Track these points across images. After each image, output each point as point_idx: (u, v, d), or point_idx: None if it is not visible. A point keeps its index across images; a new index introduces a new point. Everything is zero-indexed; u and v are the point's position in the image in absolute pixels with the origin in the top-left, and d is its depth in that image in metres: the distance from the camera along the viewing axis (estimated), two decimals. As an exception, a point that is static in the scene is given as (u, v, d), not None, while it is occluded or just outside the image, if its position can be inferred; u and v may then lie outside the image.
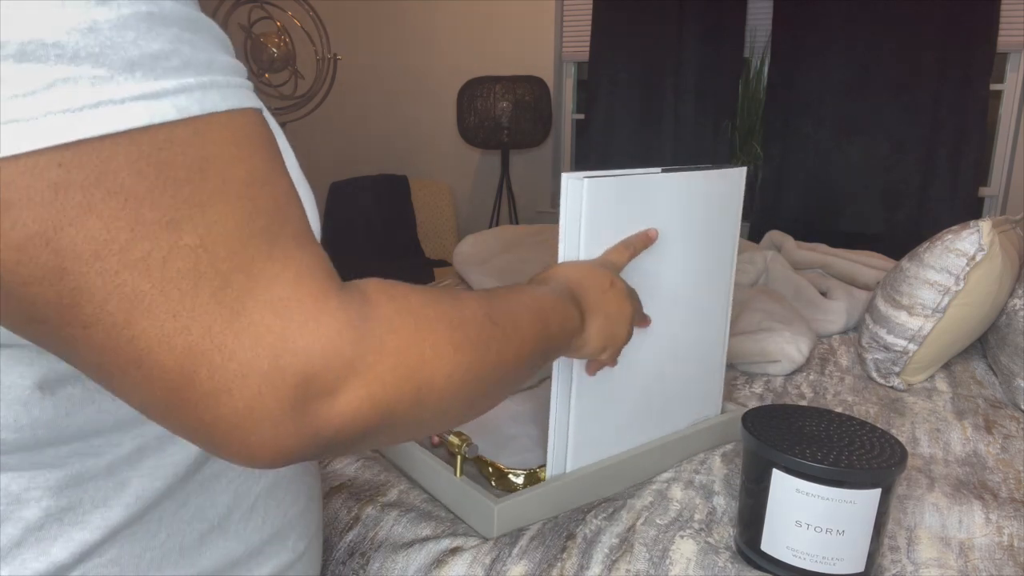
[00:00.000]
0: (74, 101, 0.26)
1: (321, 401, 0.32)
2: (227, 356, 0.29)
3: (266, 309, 0.30)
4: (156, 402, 0.30)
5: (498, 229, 2.05)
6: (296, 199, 0.34)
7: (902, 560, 0.66)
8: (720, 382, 0.88)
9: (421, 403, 0.36)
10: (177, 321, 0.28)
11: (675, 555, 0.66)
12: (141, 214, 0.27)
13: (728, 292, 0.85)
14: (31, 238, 0.26)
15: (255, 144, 0.32)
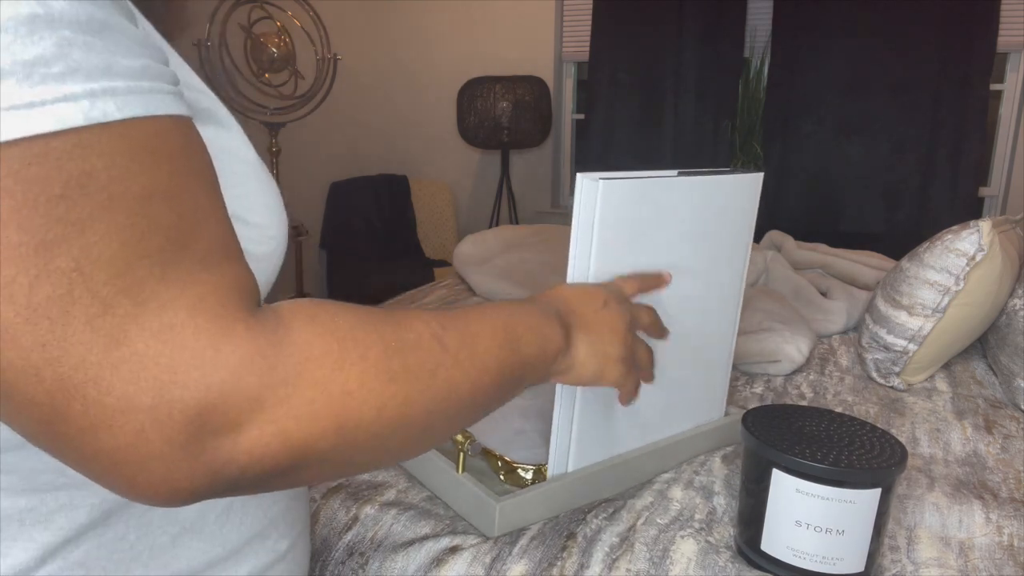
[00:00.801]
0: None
1: (221, 438, 0.29)
2: (103, 390, 0.26)
3: (153, 337, 0.27)
4: (35, 435, 0.28)
5: (498, 229, 2.05)
6: (215, 214, 0.31)
7: (902, 560, 0.66)
8: (725, 386, 0.88)
9: (346, 441, 0.32)
10: (46, 352, 0.26)
11: (675, 555, 0.66)
12: (6, 237, 0.25)
13: (738, 298, 0.84)
14: None
15: (159, 155, 0.29)
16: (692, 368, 0.82)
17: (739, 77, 3.04)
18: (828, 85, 2.84)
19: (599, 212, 0.65)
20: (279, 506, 0.48)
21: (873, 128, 2.81)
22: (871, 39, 2.75)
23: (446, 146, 3.61)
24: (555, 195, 3.53)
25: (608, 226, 0.67)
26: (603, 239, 0.67)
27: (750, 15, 2.98)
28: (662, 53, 3.06)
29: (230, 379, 0.28)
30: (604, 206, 0.66)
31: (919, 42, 2.69)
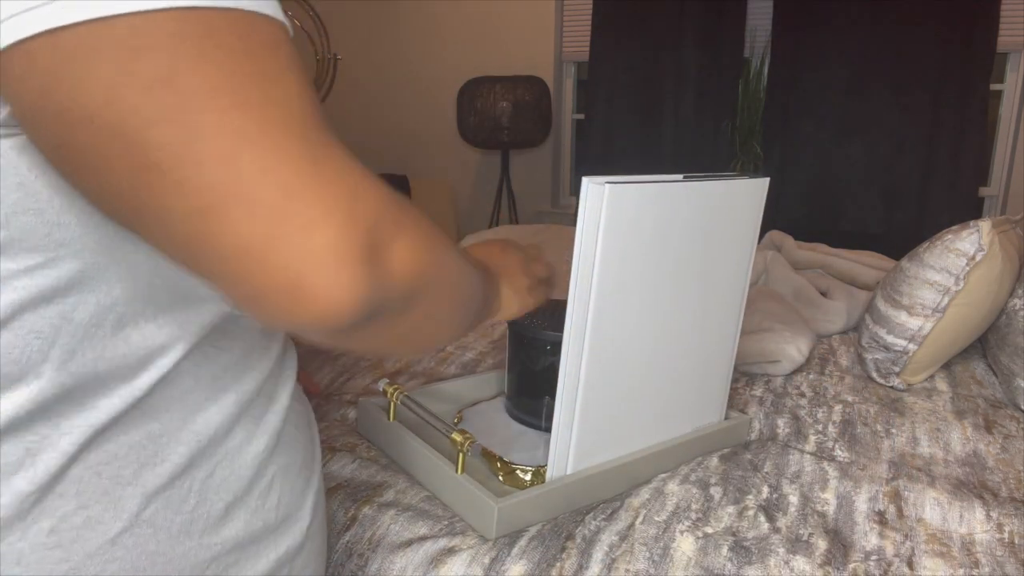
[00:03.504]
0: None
1: (383, 249, 0.34)
2: (316, 195, 0.32)
3: (336, 164, 0.33)
4: (254, 239, 0.31)
5: (498, 229, 2.05)
6: None
7: (905, 544, 0.66)
8: (726, 390, 0.88)
9: (439, 279, 0.40)
10: (276, 155, 0.31)
11: (675, 553, 0.65)
12: (241, 65, 0.31)
13: (740, 302, 0.84)
14: (156, 81, 0.29)
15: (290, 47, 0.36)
16: (693, 371, 0.82)
17: (739, 77, 3.04)
18: (828, 85, 2.84)
19: (604, 216, 0.65)
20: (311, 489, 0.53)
21: (873, 128, 2.81)
22: (871, 39, 2.75)
23: (446, 146, 3.61)
24: (555, 195, 3.53)
25: (613, 230, 0.66)
26: (607, 243, 0.66)
27: (750, 15, 2.98)
28: (662, 53, 3.06)
29: (384, 204, 0.35)
30: (609, 210, 0.65)
31: (919, 42, 2.69)
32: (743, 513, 0.73)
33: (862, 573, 0.64)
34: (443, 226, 3.48)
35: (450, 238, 0.45)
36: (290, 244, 0.32)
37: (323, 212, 0.32)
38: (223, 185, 0.31)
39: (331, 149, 0.34)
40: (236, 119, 0.31)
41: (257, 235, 0.31)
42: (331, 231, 0.32)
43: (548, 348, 0.84)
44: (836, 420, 0.97)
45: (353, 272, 0.33)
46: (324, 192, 0.32)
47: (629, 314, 0.71)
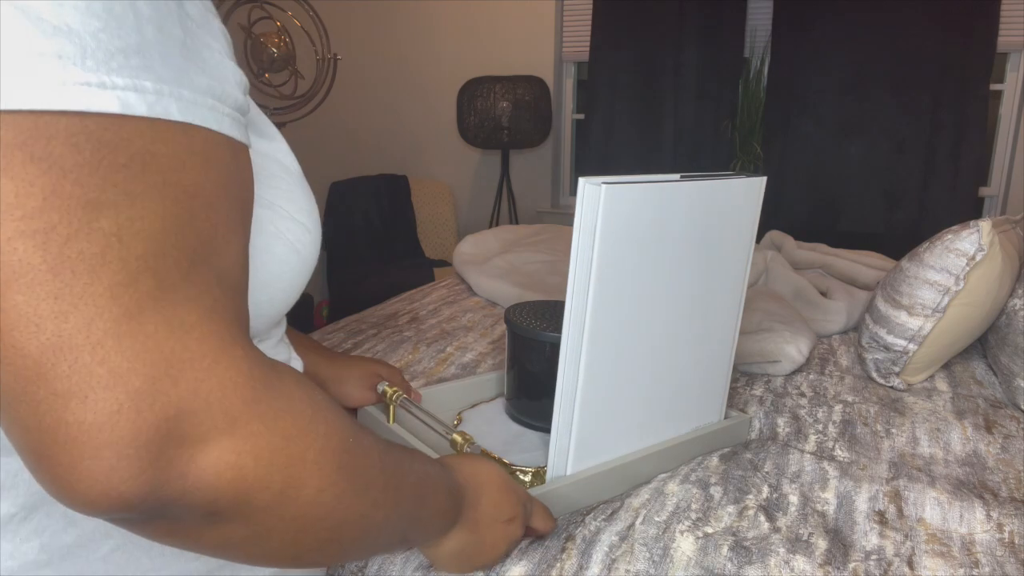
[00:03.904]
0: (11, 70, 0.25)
1: (183, 448, 0.28)
2: (99, 359, 0.26)
3: (164, 325, 0.28)
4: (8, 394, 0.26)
5: (498, 229, 2.05)
6: (240, 242, 0.32)
7: (906, 543, 0.66)
8: (725, 390, 0.88)
9: (281, 505, 0.32)
10: (57, 304, 0.26)
11: (675, 554, 0.66)
12: (61, 186, 0.26)
13: (739, 301, 0.84)
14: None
15: (211, 164, 0.30)
16: (692, 371, 0.82)
17: (739, 77, 3.04)
18: (828, 85, 2.84)
19: (601, 217, 0.65)
20: None
21: (873, 128, 2.81)
22: (871, 39, 2.75)
23: (446, 146, 3.61)
24: (555, 195, 3.53)
25: (610, 231, 0.66)
26: (605, 244, 0.66)
27: (750, 15, 2.98)
28: (662, 53, 3.06)
29: (218, 393, 0.29)
30: (607, 211, 0.65)
31: (919, 42, 2.69)
32: (743, 512, 0.73)
33: (862, 573, 0.64)
34: (443, 226, 3.49)
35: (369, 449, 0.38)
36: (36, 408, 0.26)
37: (100, 383, 0.26)
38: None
39: (167, 306, 0.28)
40: (18, 250, 0.25)
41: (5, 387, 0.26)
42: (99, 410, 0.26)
43: (547, 349, 0.84)
44: (836, 420, 0.97)
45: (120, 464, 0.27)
46: (115, 359, 0.26)
47: (627, 314, 0.71)
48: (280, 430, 0.31)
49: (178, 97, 0.29)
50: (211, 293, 0.30)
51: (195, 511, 0.30)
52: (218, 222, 0.31)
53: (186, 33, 0.31)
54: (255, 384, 0.30)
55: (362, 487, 0.37)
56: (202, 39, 0.32)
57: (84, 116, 0.26)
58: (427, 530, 0.50)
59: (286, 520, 0.33)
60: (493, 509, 0.56)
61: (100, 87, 0.27)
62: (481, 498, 0.55)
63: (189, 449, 0.28)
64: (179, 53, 0.30)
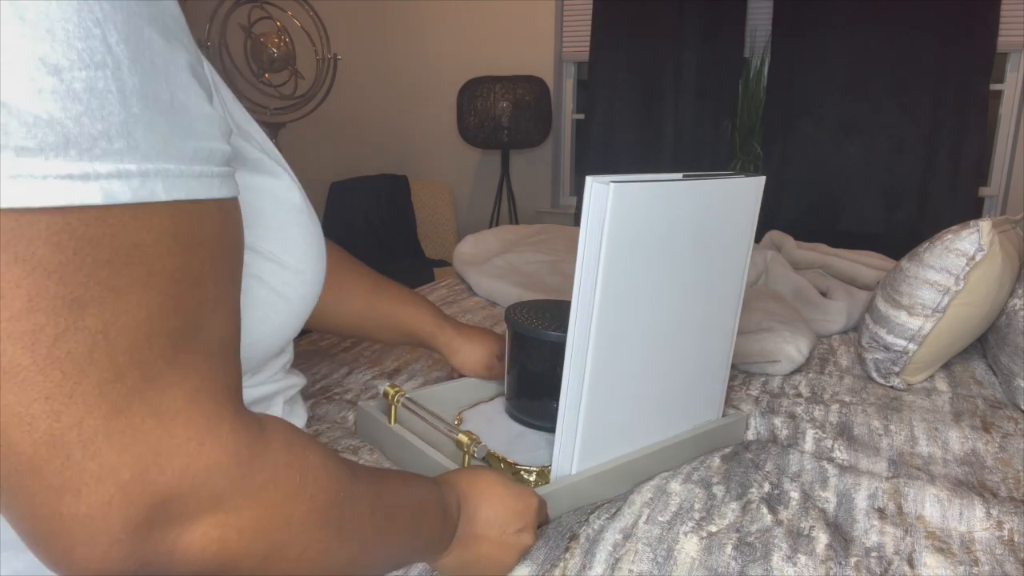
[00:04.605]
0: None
1: (171, 528, 0.29)
2: (90, 454, 0.27)
3: (151, 416, 0.28)
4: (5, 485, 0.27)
5: (498, 229, 2.05)
6: (228, 304, 0.33)
7: (906, 539, 0.66)
8: (724, 387, 0.88)
9: (266, 568, 0.34)
10: (48, 404, 0.26)
11: (679, 554, 0.66)
12: (45, 287, 0.26)
13: (738, 300, 0.85)
14: None
15: (197, 241, 0.30)
16: (693, 369, 0.82)
17: (739, 77, 3.04)
18: (828, 85, 2.84)
19: (609, 216, 0.65)
20: None
21: (873, 128, 2.82)
22: (871, 39, 2.75)
23: (446, 146, 3.61)
24: (555, 195, 3.53)
25: (616, 229, 0.66)
26: (612, 243, 0.66)
27: (750, 15, 2.98)
28: (662, 53, 3.06)
29: (204, 474, 0.30)
30: (614, 210, 0.65)
31: (919, 42, 2.69)
32: (746, 507, 0.73)
33: (863, 570, 0.64)
34: (443, 226, 3.50)
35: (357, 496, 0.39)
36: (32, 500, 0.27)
37: (95, 476, 0.27)
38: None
39: (153, 396, 0.28)
40: (7, 351, 0.25)
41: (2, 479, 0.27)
42: (95, 503, 0.27)
43: (549, 349, 0.84)
44: (834, 420, 0.97)
45: (109, 548, 0.28)
46: (105, 454, 0.27)
47: (632, 313, 0.71)
48: (264, 501, 0.32)
49: (164, 175, 0.28)
50: (197, 372, 0.30)
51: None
52: (204, 297, 0.31)
53: (171, 87, 0.30)
54: (240, 460, 0.31)
55: (350, 536, 0.39)
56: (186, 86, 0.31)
57: (66, 212, 0.26)
58: (422, 554, 0.51)
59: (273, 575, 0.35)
60: (494, 519, 0.56)
61: (83, 179, 0.26)
62: (479, 511, 0.55)
63: (176, 528, 0.30)
64: (165, 119, 0.29)
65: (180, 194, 0.29)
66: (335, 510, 0.37)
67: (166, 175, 0.29)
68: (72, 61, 0.26)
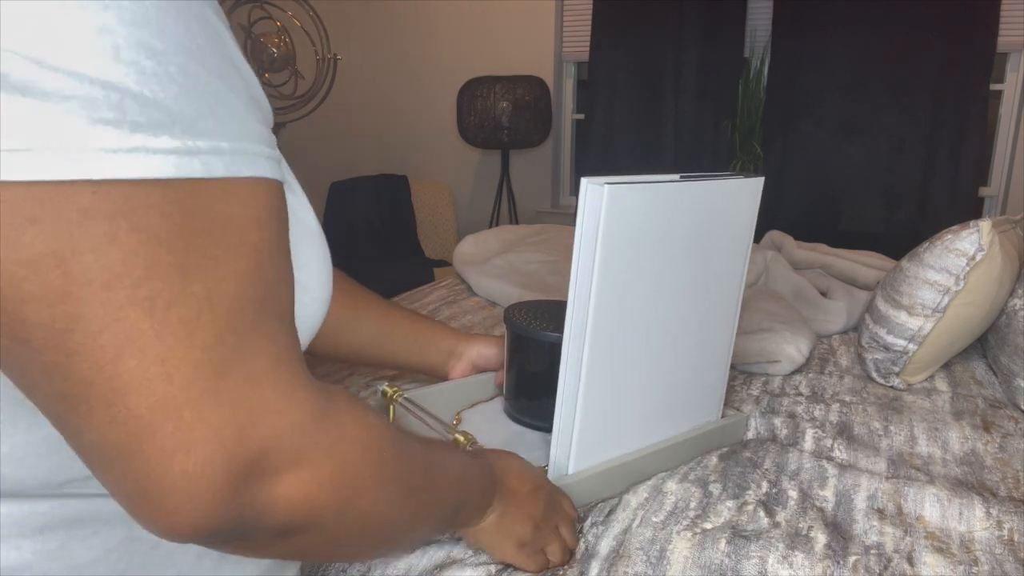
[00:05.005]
0: (113, 142, 0.27)
1: (262, 481, 0.32)
2: (198, 415, 0.29)
3: (244, 378, 0.30)
4: (109, 447, 0.29)
5: (498, 229, 2.05)
6: (290, 281, 0.35)
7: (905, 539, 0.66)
8: (723, 388, 0.88)
9: (342, 517, 0.36)
10: (163, 368, 0.28)
11: (672, 555, 0.66)
12: (159, 254, 0.28)
13: (737, 300, 0.84)
14: (44, 256, 0.26)
15: (273, 214, 0.33)
16: (691, 369, 0.82)
17: (739, 77, 3.04)
18: (828, 85, 2.84)
19: (604, 217, 0.65)
20: None
21: (873, 128, 2.81)
22: (871, 39, 2.75)
23: (446, 146, 3.61)
24: (555, 195, 3.53)
25: (613, 231, 0.66)
26: (607, 244, 0.66)
27: (750, 15, 2.98)
28: (662, 53, 3.06)
29: (287, 432, 0.32)
30: (609, 211, 0.65)
31: (919, 42, 2.69)
32: (743, 508, 0.73)
33: (862, 568, 0.64)
34: (443, 226, 3.49)
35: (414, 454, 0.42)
36: (147, 462, 0.29)
37: (202, 435, 0.29)
38: (91, 383, 0.27)
39: (246, 359, 0.30)
40: (130, 316, 0.27)
41: (113, 441, 0.28)
42: (201, 459, 0.29)
43: (547, 349, 0.84)
44: (834, 420, 0.97)
45: (210, 501, 0.30)
46: (211, 414, 0.29)
47: (629, 314, 0.71)
48: (338, 456, 0.35)
49: (244, 154, 0.31)
50: (276, 341, 0.32)
51: (270, 531, 0.34)
52: (278, 269, 0.33)
53: (240, 72, 0.32)
54: (316, 420, 0.34)
55: (410, 490, 0.42)
56: (247, 72, 0.33)
57: (175, 183, 0.28)
58: (471, 512, 0.55)
59: (347, 529, 0.38)
60: (517, 486, 0.61)
61: (187, 153, 0.28)
62: (507, 478, 0.60)
63: (266, 483, 0.32)
64: (240, 102, 0.31)
65: (259, 171, 0.31)
66: (397, 465, 0.40)
67: (245, 153, 0.31)
68: (167, 45, 0.28)
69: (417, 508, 0.44)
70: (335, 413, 0.35)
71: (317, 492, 0.34)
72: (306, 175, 3.29)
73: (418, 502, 0.44)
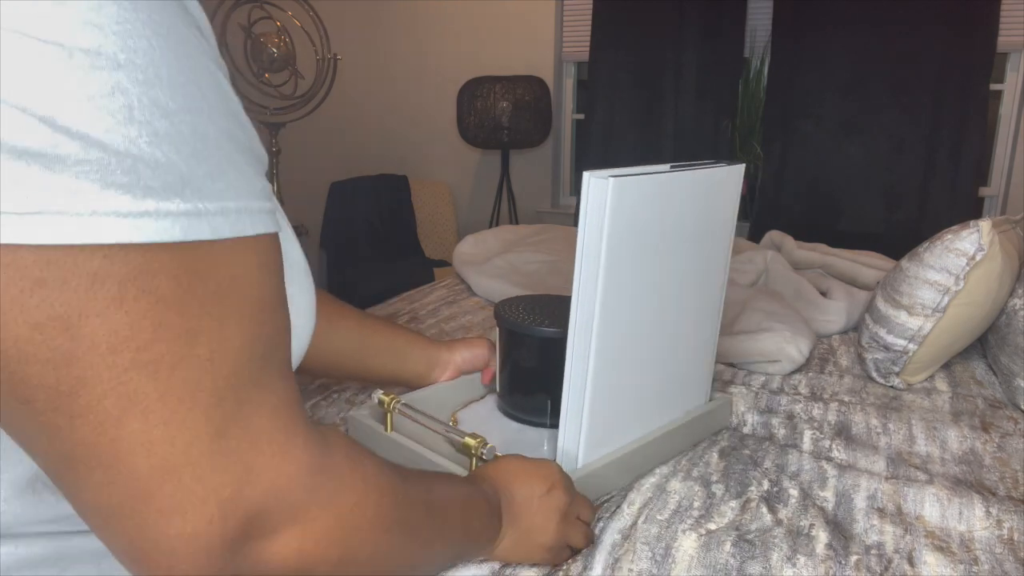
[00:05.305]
0: (126, 206, 0.26)
1: (259, 540, 0.32)
2: (196, 477, 0.29)
3: (243, 435, 0.30)
4: (108, 507, 0.29)
5: (498, 229, 2.05)
6: (288, 329, 0.35)
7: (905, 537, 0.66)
8: (711, 373, 0.90)
9: (340, 571, 0.36)
10: (166, 430, 0.28)
11: (677, 553, 0.66)
12: (166, 317, 0.28)
13: (723, 287, 0.86)
14: (52, 320, 0.26)
15: (271, 271, 0.33)
16: (684, 356, 0.84)
17: (739, 77, 3.04)
18: (828, 85, 2.84)
19: (609, 211, 0.65)
20: None
21: (873, 128, 2.81)
22: (871, 39, 2.75)
23: (446, 146, 3.61)
24: (555, 195, 3.53)
25: (617, 224, 0.66)
26: (613, 238, 0.66)
27: (750, 15, 2.98)
28: (662, 53, 3.06)
29: (285, 489, 0.32)
30: (614, 205, 0.65)
31: (919, 42, 2.69)
32: (746, 506, 0.73)
33: (863, 568, 0.64)
34: (443, 226, 3.49)
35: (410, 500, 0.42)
36: (144, 525, 0.29)
37: (200, 497, 0.29)
38: (93, 445, 0.27)
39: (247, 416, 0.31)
40: (133, 380, 0.27)
41: (112, 502, 0.29)
42: (198, 521, 0.29)
43: (542, 344, 0.83)
44: (833, 419, 0.97)
45: (206, 563, 0.30)
46: (209, 475, 0.29)
47: (630, 304, 0.72)
48: (335, 509, 0.35)
49: (249, 212, 0.31)
50: (275, 392, 0.32)
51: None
52: (278, 321, 0.33)
53: (243, 129, 0.32)
54: (312, 473, 0.33)
55: (411, 534, 0.42)
56: (248, 127, 0.33)
57: (182, 247, 0.28)
58: (479, 543, 0.55)
59: None
60: (527, 492, 0.60)
61: (196, 215, 0.28)
62: (513, 489, 0.59)
63: (262, 542, 0.32)
64: (244, 159, 0.31)
65: (261, 228, 0.31)
66: (396, 512, 0.40)
67: (250, 211, 0.31)
68: (179, 104, 0.28)
69: (420, 549, 0.44)
70: (332, 465, 0.35)
71: (313, 548, 0.34)
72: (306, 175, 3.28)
73: (421, 544, 0.44)
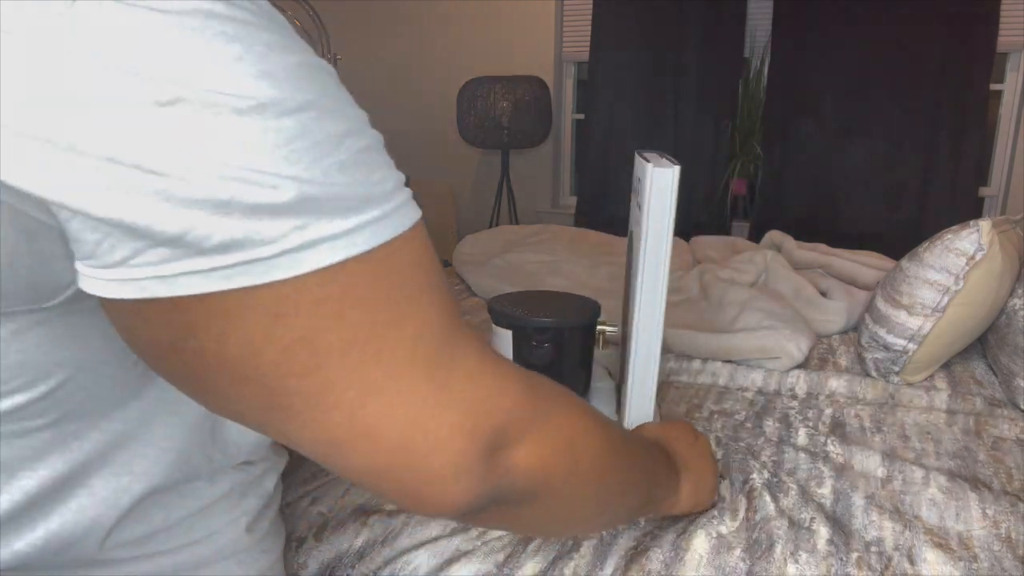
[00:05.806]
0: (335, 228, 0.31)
1: (504, 451, 0.38)
2: (439, 422, 0.35)
3: (464, 382, 0.36)
4: (377, 470, 0.35)
5: (498, 229, 2.06)
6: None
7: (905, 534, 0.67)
8: None
9: (569, 480, 0.42)
10: (400, 398, 0.34)
11: (688, 555, 0.66)
12: (377, 316, 0.33)
13: None
14: (296, 341, 0.31)
15: (430, 245, 0.37)
16: None
17: (739, 77, 3.04)
18: (828, 85, 2.85)
19: (670, 199, 0.69)
20: None
21: (873, 128, 2.82)
22: (871, 39, 2.75)
23: (446, 146, 3.61)
24: (555, 195, 3.54)
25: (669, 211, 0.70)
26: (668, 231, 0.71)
27: (750, 15, 2.99)
28: (662, 53, 3.07)
29: (514, 407, 0.38)
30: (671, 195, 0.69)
31: (919, 42, 2.70)
32: (750, 499, 0.73)
33: (864, 566, 0.65)
34: (443, 226, 3.49)
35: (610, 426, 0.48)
36: (412, 470, 0.35)
37: (447, 435, 0.35)
38: (349, 428, 0.34)
39: (459, 365, 0.36)
40: (365, 372, 0.33)
41: (380, 465, 0.35)
42: (452, 452, 0.35)
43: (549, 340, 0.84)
44: (828, 419, 0.97)
45: (469, 480, 0.36)
46: (447, 416, 0.35)
47: None
48: (555, 423, 0.41)
49: (406, 200, 0.35)
50: (471, 340, 0.38)
51: (515, 496, 0.40)
52: (445, 284, 0.38)
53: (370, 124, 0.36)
54: (529, 395, 0.39)
55: (614, 454, 0.48)
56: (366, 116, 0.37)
57: (373, 251, 0.32)
58: (669, 488, 0.62)
59: (573, 493, 0.44)
60: (684, 443, 0.67)
61: (376, 222, 0.33)
62: (671, 443, 0.66)
63: (508, 452, 0.38)
64: (384, 155, 0.35)
65: (416, 215, 0.36)
66: (601, 430, 0.46)
67: (407, 203, 0.35)
68: (347, 128, 0.32)
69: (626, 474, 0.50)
70: (540, 386, 0.41)
71: (549, 454, 0.40)
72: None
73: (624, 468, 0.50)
